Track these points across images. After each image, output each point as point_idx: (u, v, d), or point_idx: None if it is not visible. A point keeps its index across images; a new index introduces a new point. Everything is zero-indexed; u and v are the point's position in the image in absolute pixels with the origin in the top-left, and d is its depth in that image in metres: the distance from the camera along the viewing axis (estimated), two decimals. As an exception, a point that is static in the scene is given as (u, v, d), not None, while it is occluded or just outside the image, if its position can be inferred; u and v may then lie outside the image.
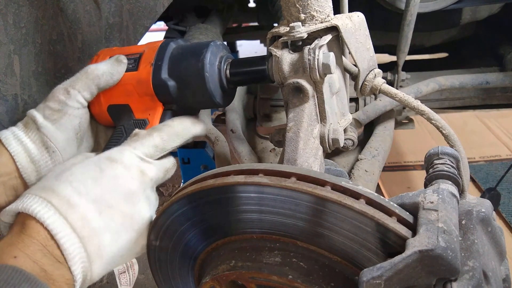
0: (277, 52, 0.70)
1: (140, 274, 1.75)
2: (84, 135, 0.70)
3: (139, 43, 1.20)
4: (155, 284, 0.73)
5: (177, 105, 0.73)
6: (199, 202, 0.57)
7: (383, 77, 0.77)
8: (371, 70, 0.75)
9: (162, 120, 0.73)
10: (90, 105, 0.76)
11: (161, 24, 1.82)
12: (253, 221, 0.55)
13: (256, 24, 2.23)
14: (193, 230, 0.59)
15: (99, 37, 1.01)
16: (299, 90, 0.69)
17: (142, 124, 0.72)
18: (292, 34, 0.68)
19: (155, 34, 2.65)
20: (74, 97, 0.67)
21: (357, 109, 1.13)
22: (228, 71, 0.73)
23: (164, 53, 0.72)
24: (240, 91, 1.23)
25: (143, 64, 0.72)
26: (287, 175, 0.52)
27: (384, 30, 1.35)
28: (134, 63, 0.73)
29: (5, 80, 0.84)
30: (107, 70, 0.68)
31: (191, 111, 0.76)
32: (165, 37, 1.66)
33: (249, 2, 2.10)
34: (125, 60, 0.69)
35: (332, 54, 0.66)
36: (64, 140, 0.65)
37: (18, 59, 0.86)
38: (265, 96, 1.18)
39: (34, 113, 0.67)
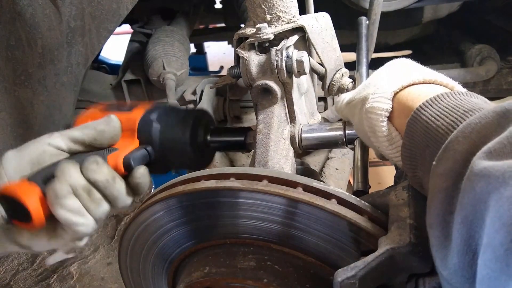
0: (244, 54, 0.69)
1: (113, 284, 1.71)
2: None
3: (104, 47, 1.17)
4: (128, 294, 0.72)
5: (153, 147, 0.73)
6: (169, 209, 0.56)
7: (350, 76, 0.77)
8: (338, 70, 0.76)
9: (132, 153, 0.71)
10: None
11: (127, 27, 1.78)
12: (226, 226, 0.54)
13: (223, 25, 2.21)
14: (164, 238, 0.58)
15: (61, 41, 0.98)
16: (267, 92, 0.69)
17: (111, 151, 0.71)
18: (258, 35, 0.68)
19: (120, 37, 2.58)
20: (54, 137, 0.65)
21: (325, 108, 1.14)
22: (208, 137, 0.75)
23: (159, 105, 0.76)
24: (209, 93, 1.22)
25: (139, 109, 0.74)
26: (258, 178, 0.52)
27: (350, 29, 1.37)
28: (130, 108, 0.75)
29: (-40, 89, 0.80)
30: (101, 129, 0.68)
31: (165, 164, 0.77)
32: (131, 40, 1.62)
33: (215, 3, 2.08)
34: (115, 123, 0.69)
35: (306, 53, 0.66)
36: (14, 161, 0.64)
37: (-27, 66, 0.82)
38: (235, 97, 1.17)
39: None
